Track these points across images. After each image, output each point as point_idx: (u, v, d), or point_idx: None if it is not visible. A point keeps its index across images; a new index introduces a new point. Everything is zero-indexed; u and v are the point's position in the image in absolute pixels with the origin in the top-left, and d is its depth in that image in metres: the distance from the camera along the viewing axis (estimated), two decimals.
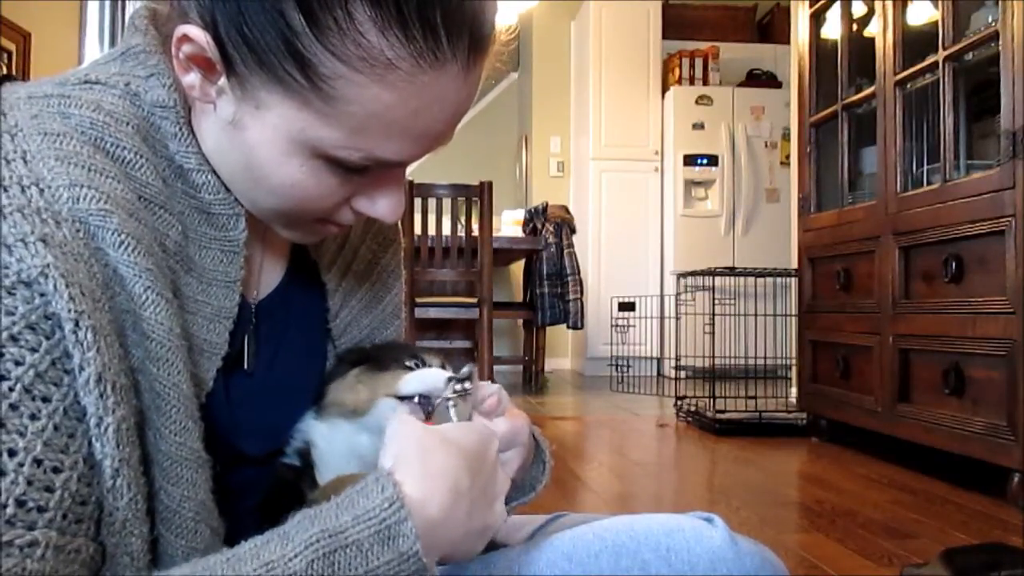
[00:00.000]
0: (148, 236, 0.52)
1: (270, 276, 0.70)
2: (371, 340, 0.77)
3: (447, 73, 0.52)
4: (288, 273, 0.71)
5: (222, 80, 0.54)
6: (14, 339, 0.43)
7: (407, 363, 0.68)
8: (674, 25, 5.80)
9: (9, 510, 0.41)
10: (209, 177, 0.60)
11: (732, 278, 3.55)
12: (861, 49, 2.84)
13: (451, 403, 0.61)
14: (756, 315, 3.48)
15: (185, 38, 0.53)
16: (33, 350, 0.44)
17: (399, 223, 0.82)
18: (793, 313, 3.31)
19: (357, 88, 0.50)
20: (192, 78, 0.55)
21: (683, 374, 3.94)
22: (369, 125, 0.52)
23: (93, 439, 0.45)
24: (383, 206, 0.60)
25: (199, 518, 0.53)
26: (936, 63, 2.37)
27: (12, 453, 0.42)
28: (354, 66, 0.50)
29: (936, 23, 2.40)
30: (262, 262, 0.69)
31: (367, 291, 0.77)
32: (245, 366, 0.65)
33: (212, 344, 0.60)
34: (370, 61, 0.49)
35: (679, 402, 3.47)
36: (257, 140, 0.55)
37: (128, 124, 0.56)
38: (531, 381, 4.84)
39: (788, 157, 4.56)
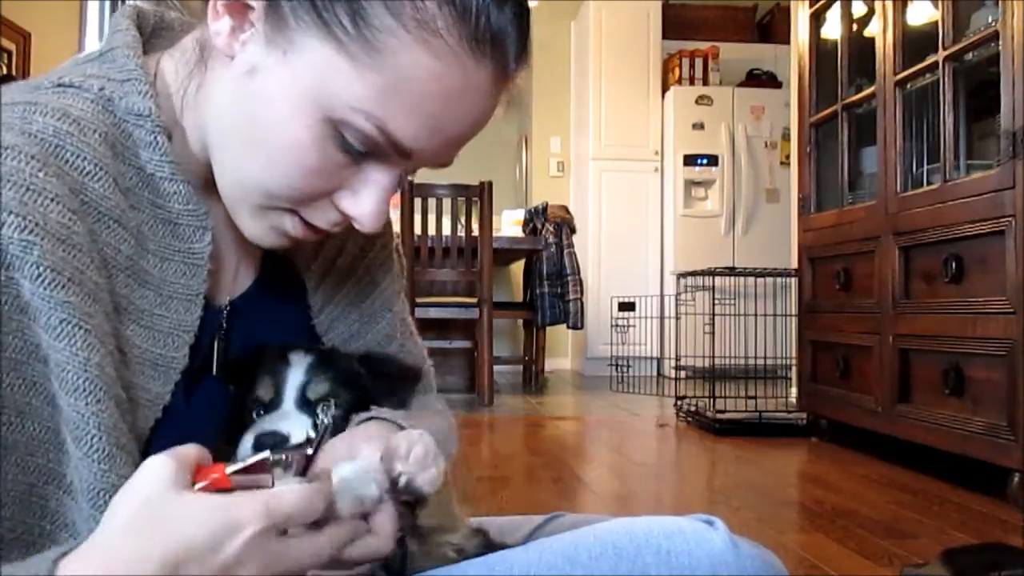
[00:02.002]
0: (79, 261, 0.51)
1: (245, 277, 0.69)
2: (362, 335, 0.76)
3: (482, 71, 0.54)
4: (264, 273, 0.70)
5: (257, 24, 0.54)
6: None
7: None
8: (674, 25, 5.80)
9: None
10: (181, 187, 0.59)
11: (732, 278, 3.55)
12: (861, 49, 2.83)
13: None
14: (756, 315, 3.48)
15: None
16: None
17: (390, 216, 0.82)
18: (793, 313, 3.31)
19: (401, 46, 0.51)
20: (221, 25, 0.55)
21: (683, 374, 3.93)
22: (399, 90, 0.52)
23: None
24: (366, 205, 0.58)
25: None
26: (936, 63, 2.36)
27: None
28: (405, 24, 0.51)
29: (936, 23, 2.40)
30: (238, 265, 0.68)
31: (353, 286, 0.76)
32: (214, 372, 0.64)
33: (168, 359, 0.58)
34: (421, 24, 0.51)
35: (679, 402, 3.47)
36: (274, 89, 0.54)
37: (95, 132, 0.55)
38: (531, 381, 4.84)
39: (788, 157, 4.56)
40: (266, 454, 0.47)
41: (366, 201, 0.58)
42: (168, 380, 0.58)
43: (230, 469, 0.47)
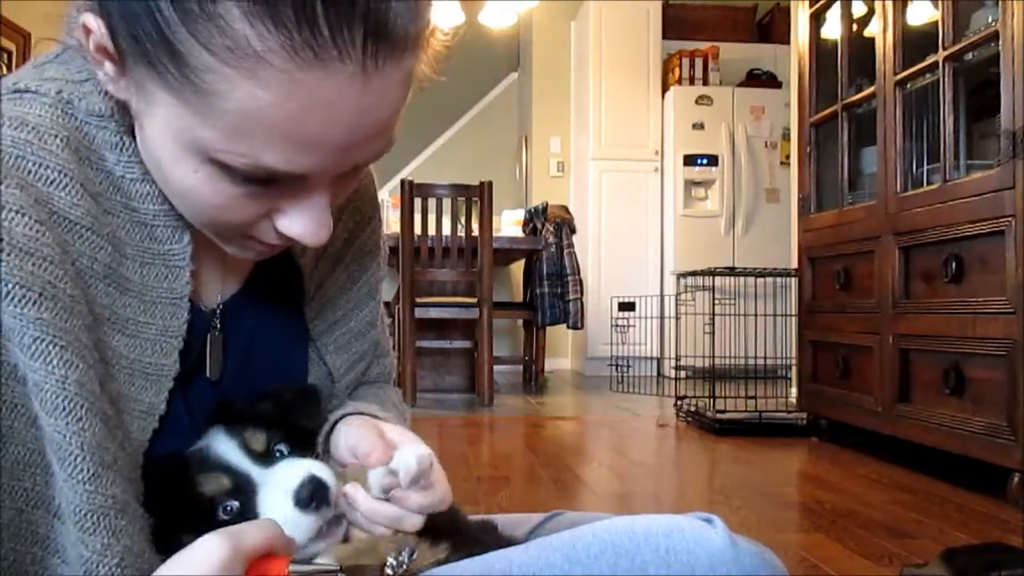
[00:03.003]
0: (50, 275, 0.49)
1: (237, 274, 0.68)
2: (347, 321, 0.75)
3: (335, 74, 0.46)
4: (258, 268, 0.69)
5: (125, 73, 0.50)
6: None
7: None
8: (674, 25, 5.80)
9: None
10: (152, 187, 0.56)
11: (732, 278, 3.55)
12: (861, 49, 2.83)
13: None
14: (756, 315, 3.48)
15: (85, 28, 0.50)
16: None
17: (379, 200, 0.80)
18: (793, 313, 3.31)
19: (228, 83, 0.45)
20: (105, 71, 0.52)
21: (683, 374, 3.93)
22: (247, 126, 0.47)
23: None
24: (299, 226, 0.54)
25: (125, 563, 0.51)
26: (936, 63, 2.36)
27: None
28: (222, 58, 0.45)
29: (936, 23, 2.40)
30: (226, 262, 0.66)
31: (343, 271, 0.75)
32: (207, 374, 0.63)
33: (158, 366, 0.57)
34: (237, 53, 0.44)
35: (679, 402, 3.47)
36: (154, 140, 0.52)
37: (57, 137, 0.52)
38: (531, 381, 4.84)
39: (788, 157, 4.56)
40: (336, 566, 0.47)
41: (299, 222, 0.54)
42: (161, 388, 0.57)
43: (292, 568, 0.45)
